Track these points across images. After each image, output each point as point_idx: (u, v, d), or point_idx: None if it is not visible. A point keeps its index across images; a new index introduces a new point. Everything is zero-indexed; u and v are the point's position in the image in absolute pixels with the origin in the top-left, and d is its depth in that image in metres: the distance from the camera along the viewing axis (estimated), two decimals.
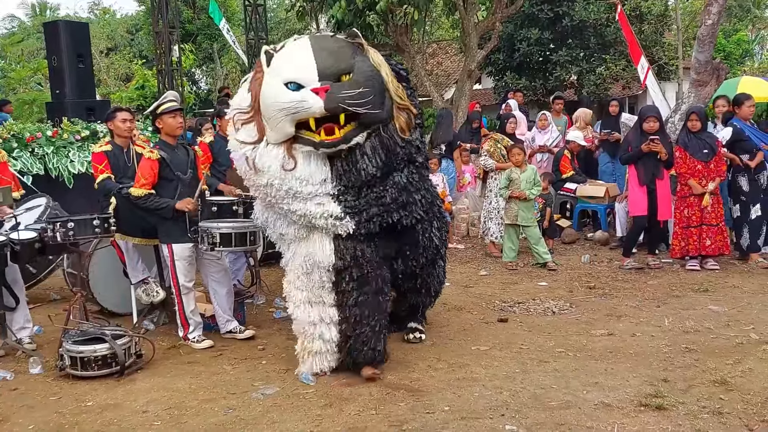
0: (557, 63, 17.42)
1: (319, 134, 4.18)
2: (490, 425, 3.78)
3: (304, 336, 4.57)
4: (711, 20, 8.56)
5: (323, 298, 4.49)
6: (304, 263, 4.44)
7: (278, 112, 4.15)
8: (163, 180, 5.23)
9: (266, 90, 4.21)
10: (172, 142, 5.39)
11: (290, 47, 4.36)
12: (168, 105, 5.31)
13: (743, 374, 4.35)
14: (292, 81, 4.15)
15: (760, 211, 7.37)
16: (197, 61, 24.35)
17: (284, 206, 4.33)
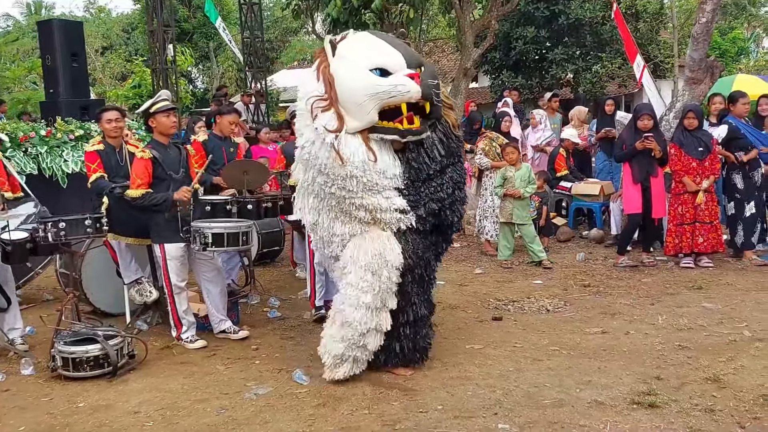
0: (553, 61, 17.47)
1: (401, 123, 4.13)
2: (483, 424, 3.78)
3: (349, 342, 4.31)
4: (705, 18, 8.56)
5: (387, 301, 4.26)
6: (372, 262, 4.20)
7: (368, 96, 4.02)
8: (156, 179, 5.22)
9: (348, 75, 4.06)
10: (164, 142, 5.37)
11: (357, 38, 4.28)
12: (162, 104, 5.30)
13: (736, 372, 4.35)
14: (378, 67, 4.07)
15: (754, 209, 7.37)
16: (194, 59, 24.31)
17: (356, 200, 4.16)
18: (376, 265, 4.19)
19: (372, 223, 4.27)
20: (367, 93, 4.03)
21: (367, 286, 4.20)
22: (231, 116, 6.43)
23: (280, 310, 6.29)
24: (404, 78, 4.05)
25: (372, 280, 4.19)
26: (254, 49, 17.16)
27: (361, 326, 4.25)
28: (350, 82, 4.06)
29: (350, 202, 4.18)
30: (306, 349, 5.19)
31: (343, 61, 4.13)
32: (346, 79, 4.06)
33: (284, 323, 5.92)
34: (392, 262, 4.22)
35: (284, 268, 8.06)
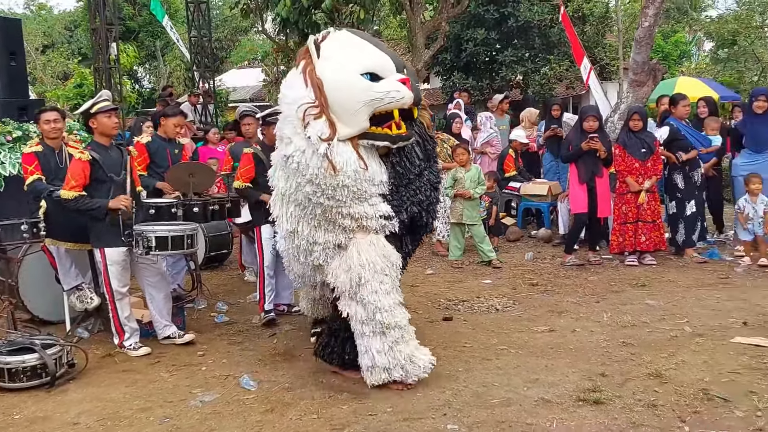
0: (503, 63, 17.63)
1: (390, 129, 4.03)
2: (432, 425, 3.78)
3: (403, 340, 4.23)
4: (648, 22, 8.76)
5: (401, 296, 4.29)
6: (383, 264, 4.16)
7: (362, 103, 3.91)
8: (95, 182, 5.06)
9: (338, 80, 3.92)
10: (105, 143, 5.22)
11: (341, 38, 4.12)
12: (102, 104, 5.15)
13: (677, 367, 4.45)
14: (369, 71, 3.95)
15: (694, 208, 7.56)
16: (139, 59, 23.85)
17: (344, 209, 4.05)
18: (387, 267, 4.19)
19: (356, 230, 4.19)
20: (361, 100, 3.91)
21: (388, 287, 4.18)
22: (175, 119, 6.28)
23: (228, 314, 6.18)
24: (397, 84, 3.97)
25: (388, 280, 4.19)
26: (202, 48, 16.91)
27: (404, 321, 4.24)
28: (342, 87, 3.92)
29: (337, 211, 4.07)
30: (254, 353, 5.14)
31: (330, 63, 3.98)
32: (337, 84, 3.92)
33: (232, 328, 5.83)
34: (395, 262, 4.24)
35: (233, 272, 7.95)
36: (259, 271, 5.87)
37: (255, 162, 5.81)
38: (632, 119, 7.39)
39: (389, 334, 4.20)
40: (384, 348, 4.20)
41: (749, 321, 5.33)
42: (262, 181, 5.82)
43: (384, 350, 4.20)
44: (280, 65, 21.87)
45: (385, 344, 4.20)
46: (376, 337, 4.20)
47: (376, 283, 4.15)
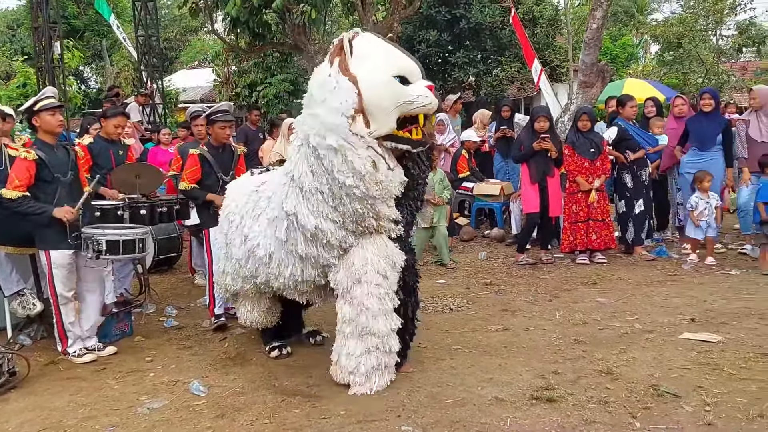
0: (455, 64, 17.76)
1: (410, 133, 4.04)
2: (387, 427, 3.74)
3: (379, 352, 4.20)
4: (596, 24, 8.92)
5: (393, 303, 4.25)
6: (385, 266, 4.16)
7: (395, 104, 3.91)
8: (41, 182, 4.88)
9: (375, 81, 3.89)
10: (51, 142, 5.03)
11: (368, 40, 4.08)
12: (46, 101, 4.97)
13: (627, 363, 4.50)
14: (400, 75, 3.96)
15: (643, 206, 7.71)
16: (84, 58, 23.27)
17: (377, 206, 4.03)
18: (387, 269, 4.18)
19: (367, 233, 4.17)
20: (394, 101, 3.91)
21: (383, 291, 4.17)
22: (115, 119, 6.07)
23: (178, 318, 6.07)
24: (426, 89, 4.00)
25: (385, 284, 4.18)
26: (150, 48, 16.59)
27: (386, 330, 4.19)
28: (378, 87, 3.91)
29: (369, 208, 4.03)
30: (204, 358, 5.04)
31: (364, 62, 3.95)
32: (372, 83, 3.90)
33: (182, 332, 5.71)
34: (398, 264, 4.25)
35: (182, 275, 7.80)
36: (209, 274, 5.75)
37: (201, 163, 5.70)
38: (581, 120, 7.50)
39: (366, 340, 4.18)
40: (356, 352, 4.19)
41: (697, 317, 5.43)
42: (209, 182, 5.73)
43: (355, 354, 4.19)
44: (231, 65, 21.63)
45: (358, 348, 4.19)
46: (353, 339, 4.21)
47: (372, 285, 4.15)
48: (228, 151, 5.90)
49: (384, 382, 4.27)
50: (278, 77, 19.86)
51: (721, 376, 4.21)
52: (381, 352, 4.23)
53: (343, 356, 4.24)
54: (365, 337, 4.18)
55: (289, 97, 20.21)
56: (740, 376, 4.20)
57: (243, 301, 4.96)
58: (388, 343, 4.24)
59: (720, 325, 5.20)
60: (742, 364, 4.38)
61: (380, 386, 4.24)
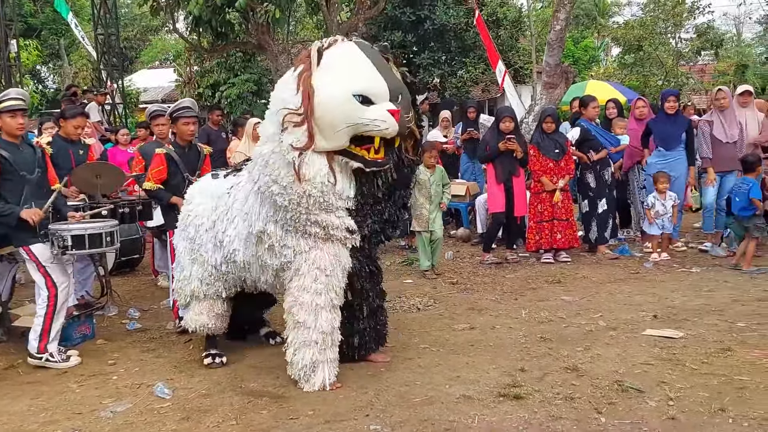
0: (420, 66, 17.79)
1: (368, 152, 4.04)
2: (355, 427, 3.73)
3: (319, 346, 4.23)
4: (559, 26, 9.03)
5: (338, 301, 4.29)
6: (329, 265, 4.18)
7: (346, 124, 3.90)
8: (6, 181, 4.78)
9: (329, 96, 3.88)
10: (14, 141, 4.93)
11: (342, 51, 4.05)
12: (8, 103, 4.85)
13: (592, 360, 4.56)
14: (361, 94, 3.91)
15: (606, 206, 7.82)
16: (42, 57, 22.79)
17: (311, 216, 4.04)
18: (330, 267, 4.19)
19: (324, 239, 4.17)
20: (346, 121, 3.91)
21: (322, 287, 4.18)
22: (75, 120, 5.95)
23: (141, 321, 5.98)
24: (386, 113, 3.94)
25: (326, 281, 4.19)
26: (110, 47, 16.32)
27: (325, 325, 4.21)
28: (331, 103, 3.89)
29: (305, 217, 4.05)
30: (168, 360, 4.97)
31: (326, 75, 3.93)
32: (327, 99, 3.88)
33: (145, 335, 5.62)
34: (345, 265, 4.26)
35: (145, 277, 7.68)
36: (172, 275, 5.66)
37: (167, 162, 5.61)
38: (545, 121, 7.57)
39: (298, 332, 4.25)
40: (292, 343, 4.29)
41: (659, 314, 5.53)
42: (175, 182, 5.64)
43: (291, 345, 4.29)
44: (193, 65, 21.39)
45: (294, 340, 4.28)
46: (291, 330, 4.30)
47: (309, 279, 4.17)
48: (194, 151, 5.82)
49: (327, 377, 4.27)
50: (241, 77, 19.70)
51: (684, 371, 4.29)
52: (319, 348, 4.24)
53: (287, 347, 4.33)
54: (300, 330, 4.23)
55: (253, 97, 20.05)
56: (702, 371, 4.28)
57: (193, 304, 4.83)
58: (331, 338, 4.27)
59: (681, 322, 5.30)
60: (704, 360, 4.47)
61: (322, 383, 4.24)
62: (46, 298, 4.84)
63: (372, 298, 4.62)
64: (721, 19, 24.67)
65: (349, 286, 4.37)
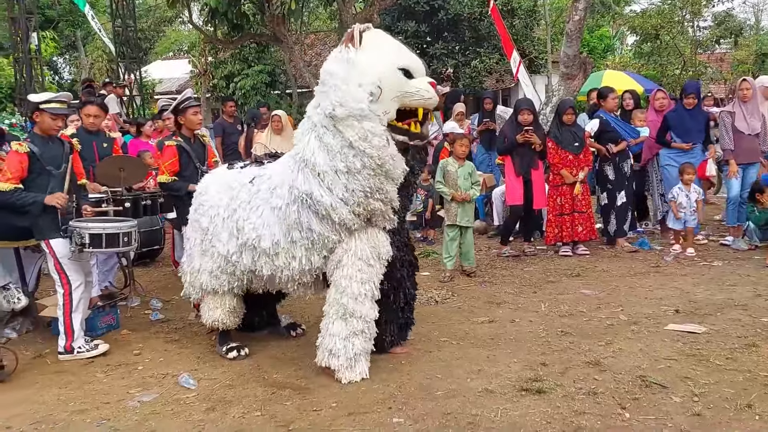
0: (434, 56, 17.75)
1: (409, 126, 4.15)
2: (378, 419, 3.76)
3: (363, 336, 4.30)
4: (578, 16, 8.96)
5: (376, 292, 4.33)
6: (371, 254, 4.25)
7: (396, 94, 4.03)
8: (33, 175, 4.86)
9: (380, 67, 4.00)
10: (45, 135, 5.02)
11: (377, 33, 4.22)
12: (55, 105, 4.95)
13: (615, 354, 4.56)
14: (404, 67, 4.07)
15: (625, 198, 7.78)
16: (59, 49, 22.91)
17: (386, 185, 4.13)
18: (373, 257, 4.26)
19: (366, 224, 4.25)
20: (397, 90, 4.03)
21: (366, 277, 4.25)
22: (85, 108, 5.99)
23: (163, 312, 6.03)
24: (428, 84, 4.13)
25: (369, 271, 4.25)
26: (126, 38, 16.38)
27: (370, 315, 4.29)
28: (384, 76, 4.01)
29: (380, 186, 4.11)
30: (192, 351, 5.02)
31: (370, 53, 4.06)
32: (377, 70, 4.01)
33: (168, 326, 5.68)
34: (385, 255, 4.33)
35: (165, 268, 7.74)
36: None
37: (179, 154, 5.67)
38: (566, 113, 7.53)
39: (350, 323, 4.25)
40: (341, 333, 4.26)
41: (681, 308, 5.51)
42: (187, 172, 5.69)
43: (340, 335, 4.26)
44: (208, 56, 21.42)
45: (343, 331, 4.26)
46: (338, 321, 4.27)
47: (354, 269, 4.22)
48: (198, 141, 5.90)
49: (366, 369, 4.32)
50: (255, 68, 19.73)
51: (708, 367, 4.28)
52: (366, 337, 4.30)
53: (327, 337, 4.30)
54: (349, 320, 4.25)
55: (267, 88, 20.08)
56: (727, 367, 4.26)
57: (207, 299, 4.86)
58: (372, 329, 4.33)
59: (704, 317, 5.28)
60: (728, 355, 4.45)
61: (364, 373, 4.29)
62: (61, 296, 4.92)
63: (408, 288, 4.67)
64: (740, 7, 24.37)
65: (386, 276, 4.41)
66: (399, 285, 4.59)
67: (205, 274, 4.73)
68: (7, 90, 16.67)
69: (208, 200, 4.75)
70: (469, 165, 7.03)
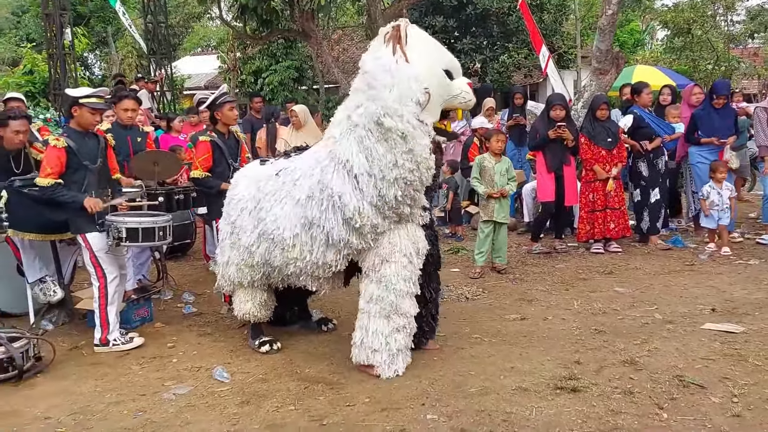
0: (462, 51, 17.67)
1: (445, 126, 4.21)
2: (411, 415, 3.75)
3: (404, 332, 4.31)
4: (611, 10, 8.84)
5: (416, 288, 4.35)
6: (413, 250, 4.27)
7: (443, 96, 4.06)
8: (70, 169, 4.93)
9: (429, 71, 3.99)
10: (82, 130, 5.08)
11: (416, 31, 4.12)
12: (95, 101, 5.01)
13: (650, 354, 4.50)
14: (446, 69, 4.08)
15: (658, 195, 7.69)
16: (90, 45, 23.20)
17: (415, 193, 4.15)
18: (413, 253, 4.28)
19: (397, 221, 4.27)
20: (444, 94, 4.06)
21: (409, 273, 4.26)
22: (122, 103, 6.06)
23: (195, 305, 6.08)
24: (467, 85, 4.16)
25: (411, 267, 4.27)
26: (157, 35, 16.54)
27: (412, 311, 4.31)
28: (432, 78, 4.00)
29: (411, 195, 4.13)
30: (225, 344, 5.06)
31: (417, 52, 4.00)
32: (428, 75, 3.99)
33: (200, 319, 5.73)
34: (421, 252, 4.34)
35: (196, 262, 7.81)
36: None
37: (212, 149, 5.70)
38: (600, 108, 7.45)
39: (393, 320, 4.25)
40: (384, 331, 4.25)
41: (717, 307, 5.43)
42: (220, 168, 5.73)
43: (383, 333, 4.25)
44: (236, 52, 21.56)
45: (386, 328, 4.25)
46: (380, 319, 4.26)
47: (399, 266, 4.22)
48: (232, 137, 5.93)
49: (403, 367, 4.32)
50: (283, 64, 19.81)
51: (747, 367, 4.21)
52: (407, 333, 4.31)
53: (370, 335, 4.26)
54: (392, 317, 4.24)
55: (294, 84, 20.15)
56: (766, 367, 4.19)
57: (239, 292, 4.90)
58: (413, 324, 4.33)
59: (742, 316, 5.20)
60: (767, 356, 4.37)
61: (402, 370, 4.28)
62: (97, 289, 4.97)
63: (435, 284, 4.68)
64: None
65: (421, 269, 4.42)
66: (429, 279, 4.59)
67: (233, 266, 4.78)
68: (41, 85, 16.90)
69: (237, 194, 4.80)
70: (506, 161, 6.99)
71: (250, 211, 4.63)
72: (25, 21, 27.33)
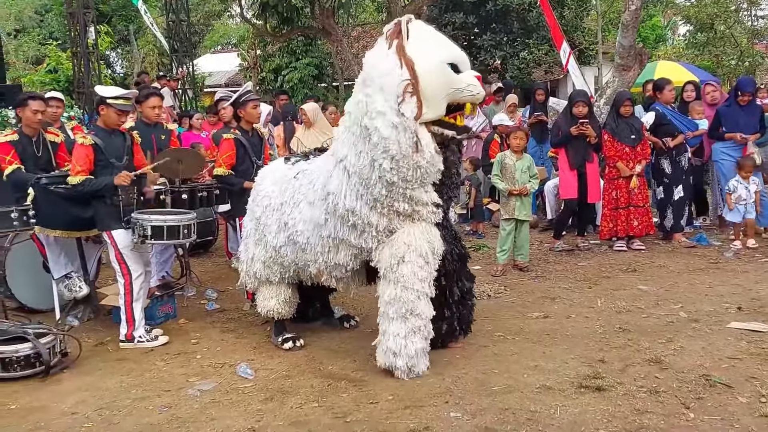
0: (482, 47, 17.62)
1: (455, 120, 4.13)
2: (435, 413, 3.75)
3: (421, 333, 4.26)
4: (635, 5, 8.75)
5: (432, 289, 4.30)
6: (428, 250, 4.22)
7: (447, 90, 4.00)
8: (98, 167, 4.99)
9: (428, 65, 3.94)
10: (108, 128, 5.15)
11: (421, 26, 4.13)
12: (123, 102, 5.07)
13: (676, 353, 4.46)
14: (451, 62, 4.02)
15: (682, 192, 7.60)
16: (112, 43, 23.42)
17: (408, 191, 4.06)
18: (429, 254, 4.23)
19: (407, 217, 4.22)
20: (447, 87, 4.00)
21: (426, 274, 4.21)
22: (149, 101, 6.10)
23: (218, 302, 6.13)
24: (474, 79, 4.08)
25: (427, 268, 4.23)
26: (178, 32, 16.65)
27: (428, 312, 4.26)
28: (431, 72, 3.96)
29: (401, 192, 4.06)
30: (248, 341, 5.09)
31: (418, 47, 3.99)
32: (427, 68, 3.95)
33: (223, 315, 5.77)
34: (438, 252, 4.29)
35: (219, 259, 7.85)
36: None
37: (236, 147, 5.73)
38: (624, 105, 7.37)
39: (410, 321, 4.21)
40: (401, 333, 4.21)
41: (743, 306, 5.36)
42: (243, 167, 5.76)
43: (400, 335, 4.21)
44: (257, 49, 21.65)
45: (403, 330, 4.21)
46: (397, 321, 4.22)
47: (416, 266, 4.17)
48: (256, 135, 5.96)
49: (426, 366, 4.30)
50: (303, 61, 19.85)
51: None
52: (423, 336, 4.26)
53: (390, 338, 4.23)
54: (409, 318, 4.20)
55: (314, 81, 20.19)
56: None
57: (262, 288, 4.93)
58: (429, 326, 4.29)
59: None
60: None
61: (423, 371, 4.26)
62: (122, 286, 5.02)
63: (462, 282, 4.64)
64: None
65: (439, 270, 4.37)
66: (451, 279, 4.56)
67: (259, 263, 4.82)
68: (65, 83, 17.08)
69: (262, 191, 4.84)
70: (527, 158, 6.92)
71: (274, 210, 4.68)
72: (48, 19, 27.62)
